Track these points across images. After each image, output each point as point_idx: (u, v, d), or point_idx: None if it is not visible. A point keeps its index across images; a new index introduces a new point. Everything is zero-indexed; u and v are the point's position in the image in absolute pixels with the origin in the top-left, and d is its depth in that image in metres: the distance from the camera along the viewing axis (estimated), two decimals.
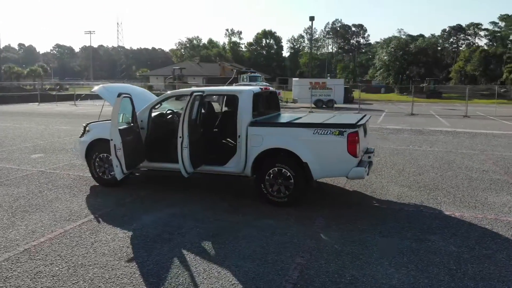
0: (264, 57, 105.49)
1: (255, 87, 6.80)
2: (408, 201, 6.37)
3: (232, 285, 3.82)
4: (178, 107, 7.76)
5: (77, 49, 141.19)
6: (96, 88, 7.38)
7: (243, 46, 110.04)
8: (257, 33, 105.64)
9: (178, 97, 7.25)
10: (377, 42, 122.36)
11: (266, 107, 7.04)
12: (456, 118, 22.02)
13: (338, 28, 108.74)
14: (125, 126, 6.16)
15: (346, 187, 7.13)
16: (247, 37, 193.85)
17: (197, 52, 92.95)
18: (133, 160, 6.23)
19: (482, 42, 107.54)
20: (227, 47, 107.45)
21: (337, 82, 32.74)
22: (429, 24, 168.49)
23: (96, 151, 7.03)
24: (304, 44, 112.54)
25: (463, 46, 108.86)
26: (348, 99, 33.76)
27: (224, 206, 6.07)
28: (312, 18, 45.01)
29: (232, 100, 7.61)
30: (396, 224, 5.36)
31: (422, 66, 58.57)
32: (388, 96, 52.20)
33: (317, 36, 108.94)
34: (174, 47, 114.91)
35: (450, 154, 10.33)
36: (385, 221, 5.48)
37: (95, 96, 37.48)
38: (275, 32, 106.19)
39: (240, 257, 4.38)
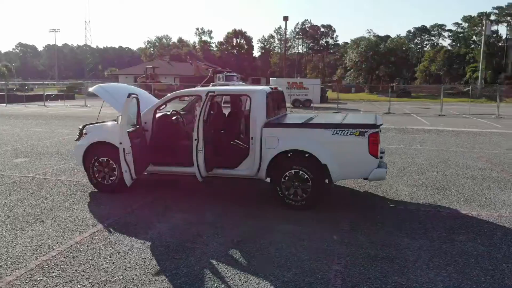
0: (235, 57, 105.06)
1: (266, 87, 6.58)
2: (422, 201, 6.34)
3: None
4: (176, 107, 7.46)
5: (40, 48, 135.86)
6: (93, 87, 6.98)
7: (213, 45, 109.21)
8: (228, 33, 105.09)
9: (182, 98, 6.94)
10: (345, 43, 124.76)
11: (275, 108, 6.84)
12: (433, 116, 22.59)
13: (308, 29, 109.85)
14: (133, 128, 5.80)
15: (356, 188, 7.04)
16: (218, 37, 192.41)
17: (167, 51, 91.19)
18: (141, 165, 5.88)
19: (445, 42, 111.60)
20: (197, 46, 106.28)
21: (314, 82, 32.96)
22: (395, 25, 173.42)
23: (95, 155, 6.61)
24: (275, 44, 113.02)
25: (428, 46, 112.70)
26: (323, 98, 34.11)
27: (239, 211, 5.82)
28: (286, 18, 45.19)
29: (239, 100, 7.38)
30: (420, 225, 5.29)
31: (391, 66, 59.97)
32: (359, 95, 53.12)
33: (287, 36, 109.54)
34: (143, 46, 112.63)
35: (443, 153, 10.49)
36: (408, 222, 5.41)
37: (66, 97, 36.06)
38: (245, 32, 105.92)
39: (275, 265, 4.16)
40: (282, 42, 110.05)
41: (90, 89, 7.27)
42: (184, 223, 5.36)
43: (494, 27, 69.03)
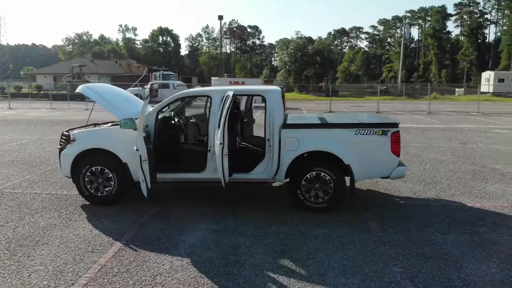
0: (161, 55, 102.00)
1: (275, 86, 6.35)
2: (425, 196, 6.58)
3: None
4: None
5: None
6: (79, 87, 6.23)
7: (138, 42, 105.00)
8: (153, 30, 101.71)
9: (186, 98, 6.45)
10: (270, 44, 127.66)
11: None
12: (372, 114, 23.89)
13: (235, 29, 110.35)
14: (144, 134, 5.24)
15: (358, 186, 7.11)
16: (143, 34, 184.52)
17: (88, 49, 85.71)
18: (155, 173, 5.34)
19: (363, 44, 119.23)
20: (121, 43, 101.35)
21: (256, 82, 33.16)
22: (316, 27, 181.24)
23: (86, 164, 5.88)
24: (203, 43, 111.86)
25: (347, 48, 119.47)
26: None
27: (259, 217, 5.55)
28: (220, 17, 44.76)
29: (237, 100, 7.05)
30: (440, 220, 5.47)
31: (318, 66, 62.49)
32: (290, 95, 54.55)
33: (215, 35, 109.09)
34: (60, 43, 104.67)
35: (409, 148, 11.06)
36: (427, 218, 5.56)
37: None
38: (172, 30, 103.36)
39: (336, 272, 4.00)
40: (210, 41, 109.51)
41: (77, 90, 6.47)
42: (211, 233, 4.98)
43: (412, 30, 75.31)
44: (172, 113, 6.53)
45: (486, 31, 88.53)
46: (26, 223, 5.28)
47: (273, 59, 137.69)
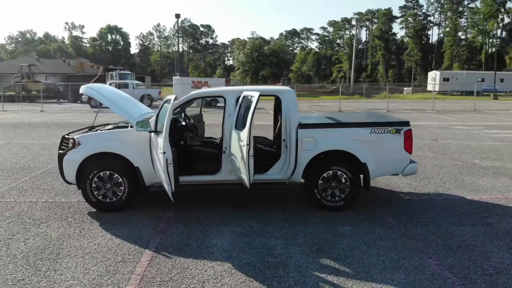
0: (110, 54, 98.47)
1: (288, 87, 6.35)
2: (426, 191, 6.89)
3: None
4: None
5: None
6: (82, 88, 5.94)
7: (86, 41, 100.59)
8: (101, 28, 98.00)
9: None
10: (223, 43, 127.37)
11: None
12: (335, 113, 24.56)
13: (188, 28, 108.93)
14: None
15: None
16: (91, 32, 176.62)
17: (32, 47, 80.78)
18: (178, 176, 5.16)
19: (313, 45, 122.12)
20: (67, 41, 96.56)
21: (219, 82, 32.94)
22: (268, 28, 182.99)
23: (94, 169, 5.58)
24: (154, 42, 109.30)
25: (298, 48, 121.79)
26: None
27: (279, 217, 5.54)
28: (177, 16, 43.89)
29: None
30: (449, 213, 5.74)
31: (274, 66, 63.31)
32: None
33: (166, 34, 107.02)
34: (3, 42, 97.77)
35: None
36: (437, 211, 5.82)
37: None
38: (121, 28, 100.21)
39: (379, 268, 4.09)
40: (162, 39, 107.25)
41: (81, 91, 6.10)
42: (238, 236, 4.90)
43: (362, 32, 78.00)
44: (182, 114, 6.35)
45: (430, 32, 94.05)
46: (35, 235, 4.90)
47: (226, 59, 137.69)
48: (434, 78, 57.57)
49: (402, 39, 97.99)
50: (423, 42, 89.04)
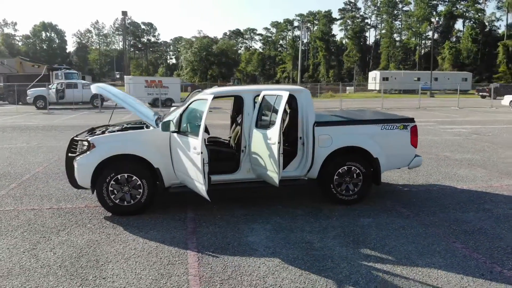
0: (45, 52, 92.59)
1: (302, 87, 6.49)
2: (419, 182, 7.41)
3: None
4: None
5: None
6: (94, 87, 5.76)
7: (18, 38, 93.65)
8: (35, 25, 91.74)
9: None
10: (165, 41, 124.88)
11: None
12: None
13: (128, 25, 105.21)
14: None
15: None
16: (24, 29, 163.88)
17: None
18: (209, 175, 5.13)
19: (257, 45, 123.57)
20: None
21: (174, 81, 32.23)
22: (211, 28, 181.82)
23: (111, 172, 5.38)
24: (93, 40, 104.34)
25: (242, 49, 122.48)
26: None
27: (300, 213, 5.70)
28: (124, 13, 42.27)
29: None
30: (449, 201, 6.24)
31: (223, 66, 63.23)
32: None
33: (106, 31, 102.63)
34: None
35: None
36: (438, 200, 6.30)
37: None
38: (56, 25, 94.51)
39: (416, 254, 4.39)
40: (101, 37, 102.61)
41: (94, 91, 5.82)
42: (272, 232, 5.00)
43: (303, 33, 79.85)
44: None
45: (367, 34, 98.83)
46: (60, 243, 4.64)
47: (168, 57, 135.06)
48: (374, 77, 60.78)
49: (341, 40, 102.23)
50: (361, 43, 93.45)
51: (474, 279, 3.88)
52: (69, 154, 5.66)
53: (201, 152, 4.67)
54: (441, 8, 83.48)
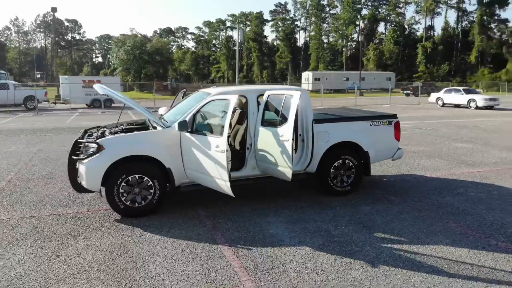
0: None
1: (302, 88, 6.82)
2: (393, 173, 8.13)
3: None
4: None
5: None
6: (99, 88, 5.72)
7: None
8: None
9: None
10: (90, 39, 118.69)
11: None
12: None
13: (51, 22, 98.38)
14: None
15: None
16: None
17: None
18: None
19: (190, 44, 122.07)
20: None
21: (113, 81, 30.85)
22: (140, 25, 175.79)
23: (122, 173, 5.31)
24: (12, 37, 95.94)
25: (174, 47, 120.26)
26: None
27: (304, 205, 6.04)
28: (54, 10, 39.48)
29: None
30: (427, 189, 6.97)
31: (158, 65, 61.71)
32: (130, 94, 52.38)
33: (26, 28, 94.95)
34: None
35: None
36: (417, 188, 7.01)
37: None
38: None
39: (424, 234, 4.95)
40: (20, 35, 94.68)
41: (99, 91, 5.63)
42: (288, 224, 5.28)
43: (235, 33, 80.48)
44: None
45: (297, 36, 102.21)
46: (83, 248, 4.52)
47: (94, 56, 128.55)
48: (307, 78, 63.26)
49: (273, 42, 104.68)
50: (292, 45, 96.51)
51: (477, 251, 4.51)
52: (72, 157, 5.46)
53: (226, 150, 4.82)
54: (365, 11, 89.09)
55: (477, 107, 25.70)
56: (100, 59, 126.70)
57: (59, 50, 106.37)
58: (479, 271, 4.06)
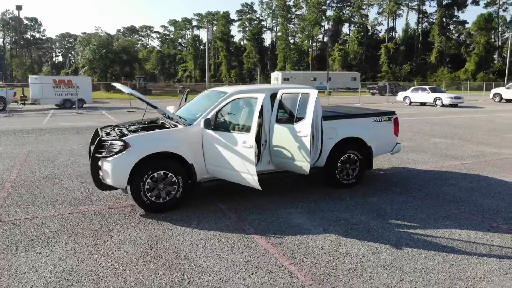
0: None
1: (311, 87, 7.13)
2: (388, 166, 8.65)
3: None
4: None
5: None
6: (125, 88, 5.88)
7: None
8: None
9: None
10: (50, 38, 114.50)
11: None
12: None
13: (9, 20, 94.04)
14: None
15: None
16: None
17: None
18: None
19: (155, 43, 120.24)
20: None
21: (84, 80, 30.03)
22: (102, 23, 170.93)
23: (148, 170, 5.46)
24: None
25: (139, 46, 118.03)
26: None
27: (316, 197, 6.40)
28: (19, 8, 37.79)
29: None
30: (422, 180, 7.53)
31: (125, 64, 60.51)
32: (98, 94, 51.08)
33: None
34: None
35: None
36: (413, 179, 7.54)
37: None
38: None
39: (432, 219, 5.42)
40: None
41: (125, 91, 5.71)
42: (310, 215, 5.61)
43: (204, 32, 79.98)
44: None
45: (264, 36, 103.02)
46: (121, 243, 4.66)
47: (54, 55, 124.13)
48: (277, 78, 64.10)
49: (240, 41, 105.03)
50: (260, 45, 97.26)
51: (484, 233, 5.03)
52: (95, 155, 5.55)
53: (255, 146, 5.09)
54: (330, 13, 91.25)
55: (442, 105, 27.16)
56: (60, 58, 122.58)
57: (17, 49, 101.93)
58: (490, 249, 4.56)
